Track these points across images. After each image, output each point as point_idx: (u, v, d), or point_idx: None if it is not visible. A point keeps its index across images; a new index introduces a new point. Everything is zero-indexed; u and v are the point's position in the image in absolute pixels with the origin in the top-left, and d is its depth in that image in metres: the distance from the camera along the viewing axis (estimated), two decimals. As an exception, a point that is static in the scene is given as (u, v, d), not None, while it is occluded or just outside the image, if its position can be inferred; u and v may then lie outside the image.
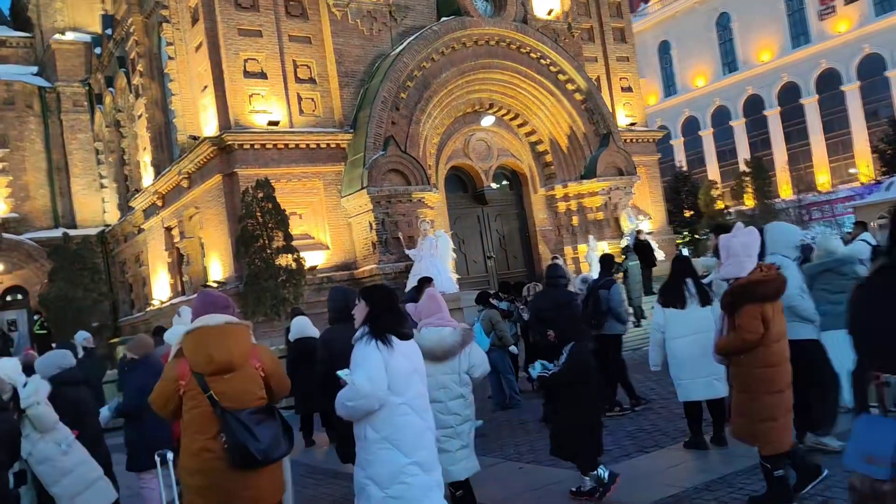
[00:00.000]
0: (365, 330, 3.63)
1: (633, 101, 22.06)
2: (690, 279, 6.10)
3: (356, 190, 16.29)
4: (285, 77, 16.80)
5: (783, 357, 4.25)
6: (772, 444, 4.21)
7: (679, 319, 6.04)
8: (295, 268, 13.63)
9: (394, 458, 3.48)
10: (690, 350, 5.93)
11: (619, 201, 19.28)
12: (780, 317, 4.31)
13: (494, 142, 19.17)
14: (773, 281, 4.25)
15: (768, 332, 4.13)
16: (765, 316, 4.12)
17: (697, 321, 5.93)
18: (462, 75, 17.93)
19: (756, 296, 4.18)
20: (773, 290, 4.25)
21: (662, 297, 6.16)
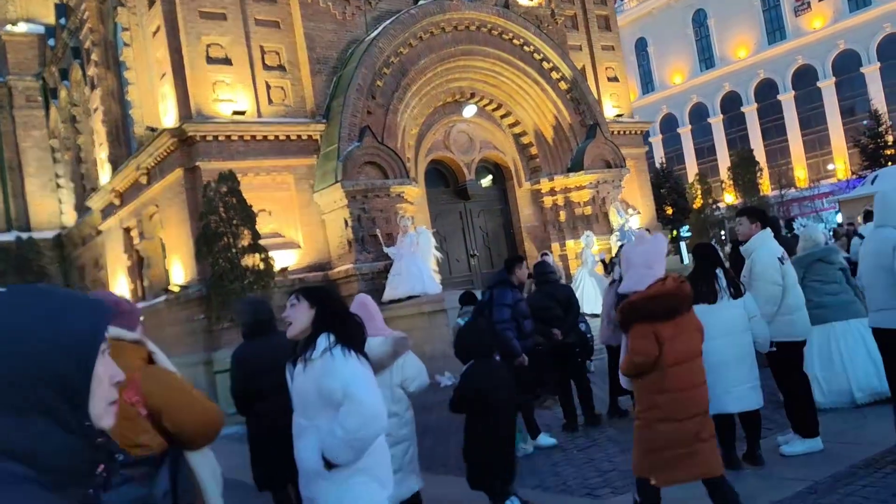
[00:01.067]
0: (331, 340, 2.74)
1: (619, 92, 21.20)
2: (720, 269, 5.08)
3: (330, 184, 15.12)
4: (252, 64, 15.58)
5: (687, 383, 3.75)
6: (661, 477, 3.77)
7: (709, 318, 5.01)
8: (263, 269, 12.42)
9: (374, 494, 2.88)
10: (723, 354, 4.94)
11: (607, 195, 18.37)
12: (687, 336, 3.80)
13: (477, 133, 18.13)
14: (667, 296, 3.72)
15: (663, 355, 3.67)
16: (658, 336, 3.68)
17: (730, 320, 4.93)
18: (441, 62, 16.87)
19: (645, 313, 3.70)
20: (666, 306, 3.73)
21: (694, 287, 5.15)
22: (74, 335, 1.03)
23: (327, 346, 2.72)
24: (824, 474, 4.78)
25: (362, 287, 14.63)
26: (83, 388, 1.02)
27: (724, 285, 4.96)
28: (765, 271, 5.13)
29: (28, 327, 1.00)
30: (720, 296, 4.95)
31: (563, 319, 7.39)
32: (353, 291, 14.64)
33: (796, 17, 46.06)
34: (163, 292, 16.07)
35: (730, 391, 4.91)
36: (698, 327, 3.94)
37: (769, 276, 5.13)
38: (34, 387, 0.98)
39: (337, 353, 2.69)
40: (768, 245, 5.27)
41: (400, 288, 14.05)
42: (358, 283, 14.72)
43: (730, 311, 4.92)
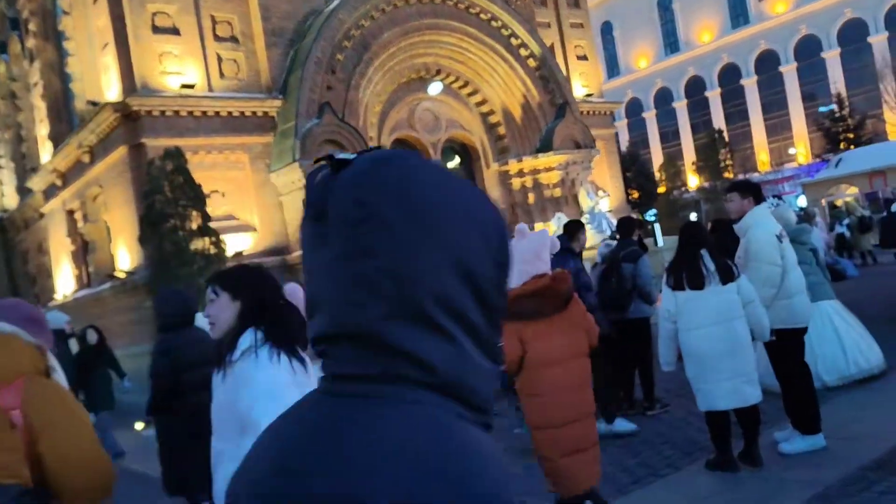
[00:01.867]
0: (258, 337, 2.07)
1: (588, 71, 20.66)
2: (706, 250, 4.51)
3: (287, 163, 14.27)
4: (202, 34, 14.56)
5: (561, 385, 3.53)
6: (559, 486, 3.57)
7: (695, 305, 4.48)
8: (214, 253, 11.56)
9: None
10: (712, 344, 4.41)
11: (577, 176, 17.87)
12: (559, 336, 3.57)
13: (442, 112, 17.41)
14: (532, 296, 3.51)
15: (527, 356, 3.53)
16: (522, 336, 3.51)
17: (720, 306, 4.39)
18: (405, 36, 16.06)
19: (511, 313, 3.43)
20: (531, 306, 3.51)
21: (672, 275, 4.56)
22: None
23: (251, 345, 2.05)
24: (831, 476, 4.29)
25: (322, 272, 13.88)
26: None
27: (712, 269, 4.40)
28: (761, 251, 4.59)
29: None
30: (708, 281, 4.38)
31: None
32: (312, 277, 13.88)
33: (759, 1, 46.23)
34: (108, 279, 15.06)
35: (722, 385, 4.38)
36: (579, 326, 3.65)
37: (767, 256, 4.58)
38: None
39: (263, 354, 2.03)
40: (765, 222, 4.73)
41: (362, 273, 13.34)
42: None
43: (720, 297, 4.37)
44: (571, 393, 3.54)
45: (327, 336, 0.66)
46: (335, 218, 0.64)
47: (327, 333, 0.65)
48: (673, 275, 4.53)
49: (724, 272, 4.39)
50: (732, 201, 4.85)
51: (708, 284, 4.36)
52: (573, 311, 3.66)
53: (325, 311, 0.65)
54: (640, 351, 6.40)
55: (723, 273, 4.38)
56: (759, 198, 4.84)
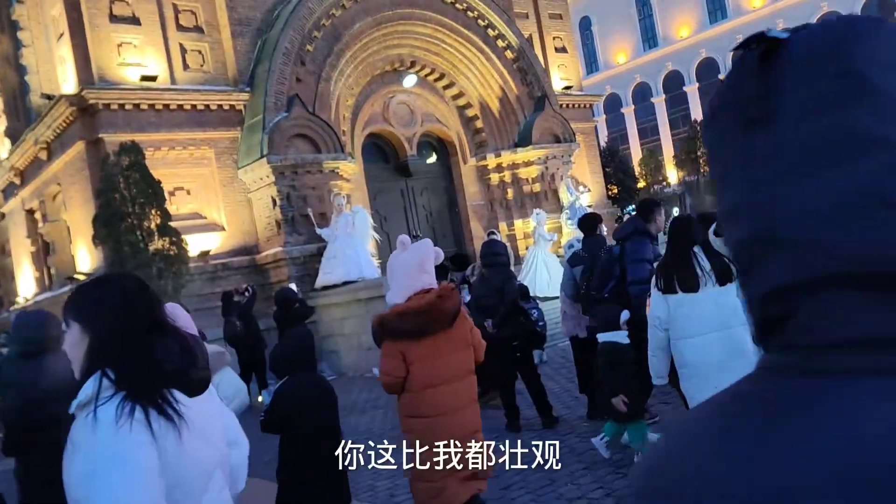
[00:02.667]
0: (101, 386, 1.49)
1: (568, 63, 20.22)
2: (699, 248, 4.04)
3: (255, 159, 13.64)
4: (164, 24, 13.87)
5: (445, 408, 3.38)
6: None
7: (690, 310, 3.97)
8: (175, 253, 10.92)
9: None
10: (710, 355, 3.90)
11: (556, 171, 17.43)
12: (446, 356, 3.40)
13: (418, 105, 16.87)
14: (417, 313, 3.33)
15: (411, 377, 3.37)
16: (406, 356, 3.36)
17: (717, 311, 3.88)
18: (378, 27, 15.49)
19: (394, 331, 3.39)
20: (416, 324, 3.34)
21: (662, 277, 4.06)
22: None
23: (89, 399, 1.48)
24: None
25: (292, 272, 13.31)
26: None
27: (708, 268, 3.92)
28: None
29: None
30: (703, 282, 3.89)
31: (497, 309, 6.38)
32: (282, 277, 13.31)
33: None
34: (68, 281, 14.33)
35: None
36: (465, 344, 3.48)
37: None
38: None
39: (104, 412, 1.45)
40: None
41: (334, 272, 12.78)
42: (288, 268, 13.37)
43: (717, 301, 3.88)
44: (457, 414, 3.38)
45: (799, 286, 0.45)
46: (801, 109, 0.45)
47: (800, 281, 0.45)
48: (663, 276, 4.03)
49: (722, 272, 3.89)
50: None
51: (703, 286, 3.87)
52: (460, 328, 3.47)
53: (793, 251, 0.45)
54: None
55: (720, 273, 3.89)
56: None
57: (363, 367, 12.04)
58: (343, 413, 9.31)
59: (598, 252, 5.82)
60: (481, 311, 6.65)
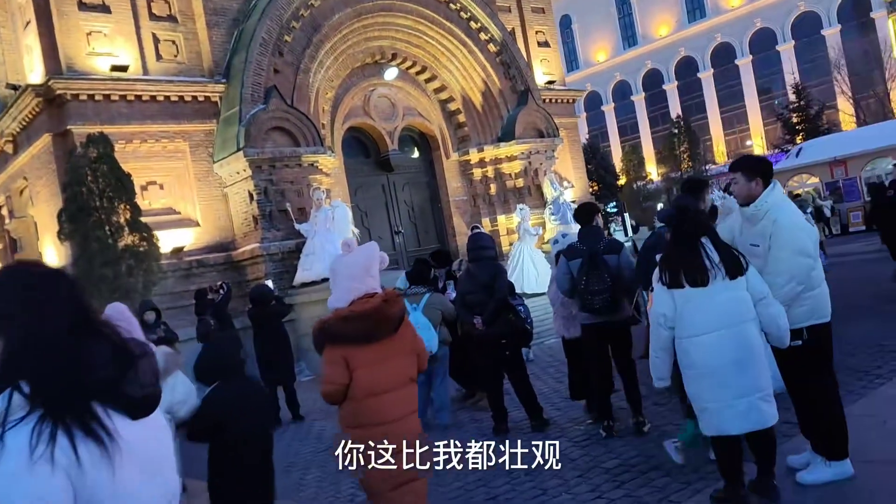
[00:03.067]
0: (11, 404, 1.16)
1: (550, 58, 20.00)
2: (708, 238, 3.75)
3: (231, 152, 13.21)
4: (136, 12, 13.39)
5: (388, 416, 3.23)
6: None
7: (697, 306, 3.67)
8: (145, 250, 10.46)
9: None
10: (719, 355, 3.58)
11: (540, 166, 17.19)
12: (391, 363, 3.26)
13: (399, 99, 16.52)
14: (362, 318, 3.20)
15: (354, 384, 3.20)
16: (349, 362, 3.20)
17: (727, 306, 3.59)
18: (359, 18, 15.11)
19: (336, 336, 3.22)
20: (360, 329, 3.19)
21: (667, 270, 3.74)
22: None
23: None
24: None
25: (269, 269, 12.91)
26: None
27: (717, 260, 3.63)
28: (792, 239, 3.76)
29: None
30: (712, 275, 3.60)
31: (485, 305, 6.06)
32: (259, 274, 12.90)
33: (716, -6, 46.51)
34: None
35: (733, 405, 3.56)
36: (410, 351, 3.36)
37: (798, 245, 3.76)
38: None
39: (14, 441, 1.13)
40: (789, 203, 4.01)
41: (313, 269, 12.41)
42: (265, 265, 12.97)
43: (728, 295, 3.59)
44: (398, 423, 3.24)
45: None
46: None
47: None
48: (668, 269, 3.72)
49: (732, 264, 3.60)
50: (737, 183, 4.09)
51: (713, 280, 3.59)
52: (404, 335, 3.36)
53: None
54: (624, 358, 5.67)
55: (730, 265, 3.60)
56: (769, 178, 4.00)
57: (344, 367, 11.69)
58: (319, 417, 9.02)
59: (597, 245, 5.51)
60: (468, 308, 6.34)
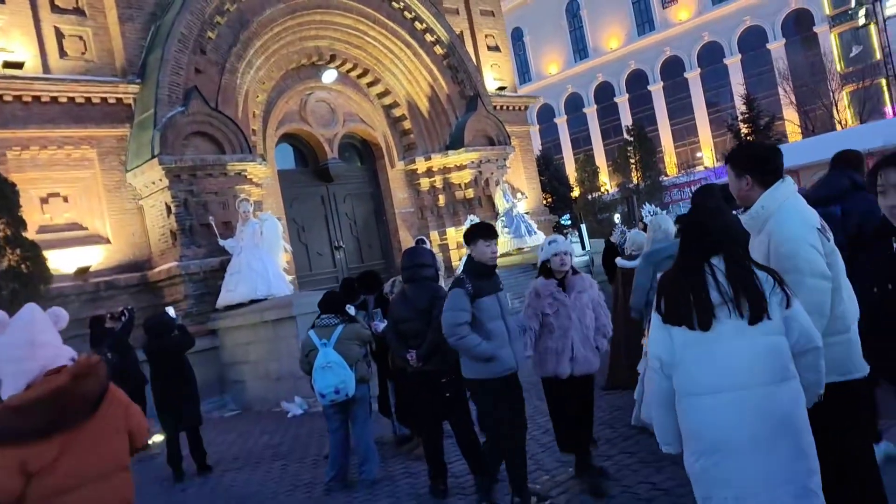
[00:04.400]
0: None
1: (501, 63, 19.09)
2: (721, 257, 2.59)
3: (146, 160, 11.78)
4: (34, 3, 11.88)
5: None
6: None
7: (703, 354, 2.53)
8: (30, 271, 8.96)
9: None
10: (727, 429, 2.46)
11: (490, 176, 16.17)
12: (87, 456, 2.49)
13: (339, 103, 15.31)
14: (44, 404, 2.41)
15: (33, 489, 2.40)
16: (26, 464, 2.38)
17: (752, 356, 2.46)
18: (293, 15, 13.89)
19: (7, 433, 2.40)
20: (39, 421, 2.40)
21: (664, 297, 2.63)
22: None
23: None
24: None
25: (189, 290, 11.48)
26: None
27: (728, 291, 2.50)
28: (797, 254, 2.72)
29: None
30: (719, 313, 2.49)
31: (422, 336, 4.86)
32: (177, 297, 11.47)
33: (664, 8, 46.92)
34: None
35: (756, 499, 2.43)
36: (117, 431, 2.64)
37: (810, 263, 2.70)
38: None
39: None
40: (796, 207, 2.91)
41: (238, 289, 11.05)
42: (184, 286, 11.53)
43: (744, 343, 2.46)
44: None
45: None
46: None
47: None
48: (665, 297, 2.63)
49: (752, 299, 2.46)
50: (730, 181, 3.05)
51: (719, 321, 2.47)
52: (109, 414, 2.61)
53: None
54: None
55: (748, 301, 2.46)
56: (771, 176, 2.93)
57: (272, 401, 10.35)
58: (231, 467, 7.68)
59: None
60: (402, 339, 5.13)
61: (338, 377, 5.81)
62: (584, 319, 4.46)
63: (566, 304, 4.43)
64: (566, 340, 4.41)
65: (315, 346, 5.91)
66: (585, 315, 4.47)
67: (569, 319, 4.42)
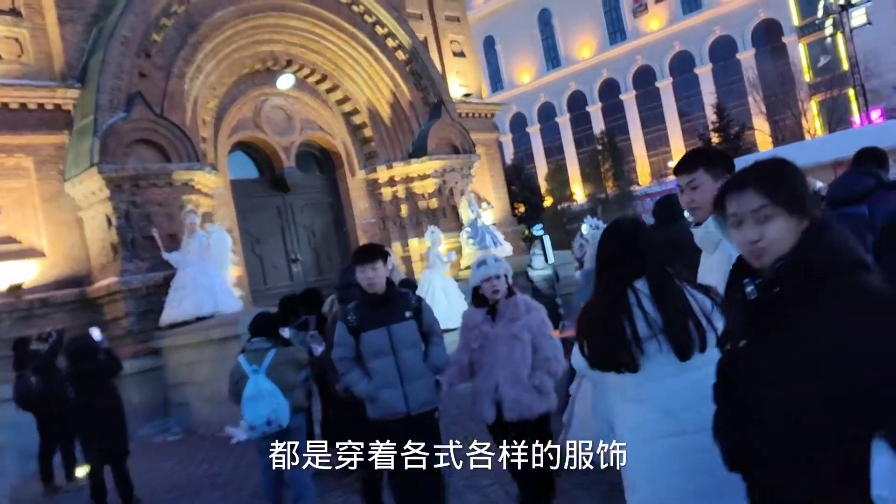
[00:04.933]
0: None
1: (466, 69, 18.69)
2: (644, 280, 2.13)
3: (84, 169, 11.11)
4: (-35, 3, 11.21)
5: None
6: None
7: (637, 396, 2.10)
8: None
9: None
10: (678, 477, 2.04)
11: (455, 185, 15.71)
12: None
13: (296, 110, 14.75)
14: None
15: None
16: None
17: (683, 397, 2.04)
18: (245, 18, 13.32)
19: None
20: None
21: (583, 334, 2.19)
22: None
23: None
24: None
25: (131, 307, 10.81)
26: None
27: (658, 322, 2.06)
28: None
29: None
30: (648, 349, 2.06)
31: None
32: (118, 314, 10.81)
33: (635, 18, 47.14)
34: None
35: None
36: None
37: None
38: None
39: None
40: None
41: (183, 306, 10.42)
42: (125, 302, 10.85)
43: (679, 382, 2.05)
44: None
45: None
46: None
47: None
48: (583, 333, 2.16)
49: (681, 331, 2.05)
50: (698, 187, 2.58)
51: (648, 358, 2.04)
52: None
53: None
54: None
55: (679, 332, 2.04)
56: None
57: (217, 424, 9.71)
58: (166, 498, 7.15)
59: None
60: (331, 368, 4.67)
61: (270, 407, 5.41)
62: (513, 353, 3.71)
63: (489, 337, 3.76)
64: (489, 380, 3.75)
65: (245, 374, 5.50)
66: (515, 348, 3.71)
67: (493, 355, 3.74)
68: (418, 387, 3.79)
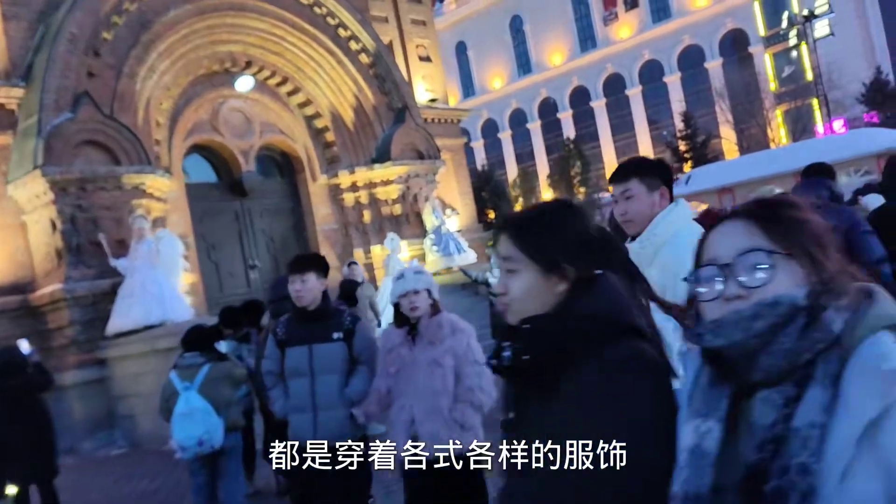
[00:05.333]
0: None
1: (433, 74, 18.48)
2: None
3: (28, 171, 10.64)
4: None
5: None
6: None
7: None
8: None
9: None
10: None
11: (419, 191, 15.47)
12: None
13: (256, 113, 14.39)
14: None
15: None
16: None
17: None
18: (201, 17, 12.95)
19: None
20: None
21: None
22: None
23: None
24: None
25: (76, 316, 10.35)
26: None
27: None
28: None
29: None
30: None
31: None
32: (63, 323, 10.34)
33: (605, 26, 47.48)
34: None
35: None
36: None
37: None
38: None
39: None
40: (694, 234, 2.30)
41: (131, 314, 10.00)
42: (70, 311, 10.38)
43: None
44: None
45: None
46: None
47: None
48: None
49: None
50: (632, 197, 2.42)
51: None
52: None
53: None
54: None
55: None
56: (671, 188, 2.49)
57: (162, 438, 9.31)
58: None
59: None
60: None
61: (202, 426, 5.16)
62: (432, 382, 3.23)
63: (407, 362, 3.29)
64: (404, 412, 3.27)
65: (176, 390, 5.23)
66: (434, 376, 3.23)
67: (410, 383, 3.26)
68: (331, 417, 3.45)
